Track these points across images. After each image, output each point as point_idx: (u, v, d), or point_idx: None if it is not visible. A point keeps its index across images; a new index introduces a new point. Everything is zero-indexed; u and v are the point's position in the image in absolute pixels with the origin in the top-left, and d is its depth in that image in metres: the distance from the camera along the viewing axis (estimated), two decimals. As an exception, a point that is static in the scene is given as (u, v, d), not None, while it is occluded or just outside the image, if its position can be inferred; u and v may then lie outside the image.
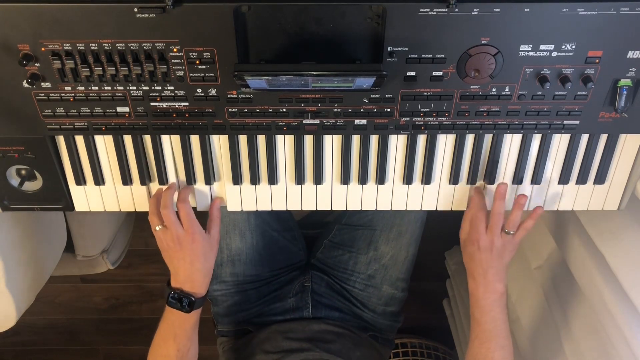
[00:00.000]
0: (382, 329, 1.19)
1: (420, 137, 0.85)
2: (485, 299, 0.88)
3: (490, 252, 0.87)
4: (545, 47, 0.71)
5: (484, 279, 0.88)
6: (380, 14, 0.69)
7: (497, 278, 0.88)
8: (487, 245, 0.87)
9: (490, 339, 0.88)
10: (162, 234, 0.86)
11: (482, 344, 0.88)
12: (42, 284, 1.16)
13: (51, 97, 0.75)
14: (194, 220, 0.86)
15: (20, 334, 2.08)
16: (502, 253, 0.87)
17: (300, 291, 1.17)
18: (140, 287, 1.99)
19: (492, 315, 0.88)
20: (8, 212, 0.89)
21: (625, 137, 0.84)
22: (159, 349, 0.91)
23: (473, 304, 0.90)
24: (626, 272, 0.84)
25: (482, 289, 0.88)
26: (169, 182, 0.88)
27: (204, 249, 0.87)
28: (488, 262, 0.87)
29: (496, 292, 0.88)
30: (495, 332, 0.88)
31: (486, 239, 0.86)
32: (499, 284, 0.88)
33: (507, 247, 0.87)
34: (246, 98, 0.77)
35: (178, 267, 0.88)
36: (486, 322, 0.88)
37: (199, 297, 0.89)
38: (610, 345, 0.90)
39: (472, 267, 0.89)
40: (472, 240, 0.88)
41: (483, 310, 0.88)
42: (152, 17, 0.68)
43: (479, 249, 0.87)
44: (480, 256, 0.87)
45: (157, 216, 0.86)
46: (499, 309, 0.88)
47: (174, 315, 0.89)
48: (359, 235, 1.17)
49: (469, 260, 0.90)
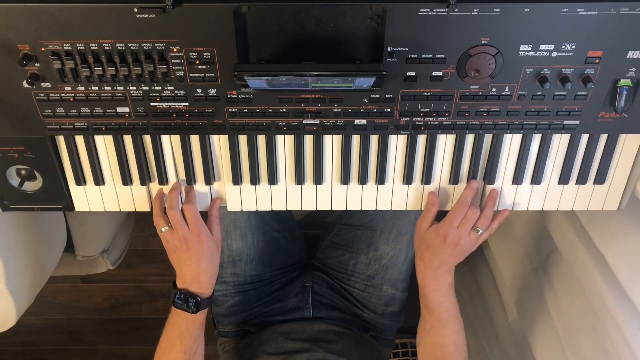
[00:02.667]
0: (382, 329, 1.19)
1: (420, 137, 0.85)
2: (437, 291, 0.89)
3: (454, 247, 0.86)
4: (545, 47, 0.71)
5: (435, 273, 0.88)
6: (380, 14, 0.69)
7: (447, 272, 0.88)
8: (454, 240, 0.85)
9: (446, 326, 0.90)
10: (168, 235, 0.86)
11: (438, 331, 0.90)
12: (42, 284, 1.16)
13: (51, 97, 0.75)
14: (200, 221, 0.86)
15: (20, 334, 2.08)
16: (463, 252, 0.87)
17: (300, 291, 1.17)
18: (140, 287, 1.99)
19: (445, 305, 0.89)
20: (8, 212, 0.89)
21: (625, 137, 0.84)
22: (166, 351, 0.91)
23: (424, 296, 0.90)
24: (626, 272, 0.84)
25: (433, 283, 0.88)
26: (169, 182, 0.88)
27: (209, 249, 0.88)
28: (447, 257, 0.87)
29: (446, 283, 0.89)
30: (450, 319, 0.89)
31: (455, 234, 0.85)
32: (449, 276, 0.89)
33: (470, 246, 0.87)
34: (246, 98, 0.77)
35: (184, 268, 0.88)
36: (441, 312, 0.89)
37: (205, 297, 0.89)
38: (610, 345, 0.90)
39: (426, 259, 0.88)
40: (439, 232, 0.86)
41: (436, 302, 0.89)
42: (152, 17, 0.68)
43: (444, 243, 0.86)
44: (442, 249, 0.86)
45: (162, 217, 0.86)
46: (450, 298, 0.89)
47: (180, 316, 0.89)
48: (359, 235, 1.17)
49: (425, 252, 0.88)
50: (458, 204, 0.86)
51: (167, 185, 0.88)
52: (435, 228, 0.87)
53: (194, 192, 0.88)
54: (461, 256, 0.88)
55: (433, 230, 0.87)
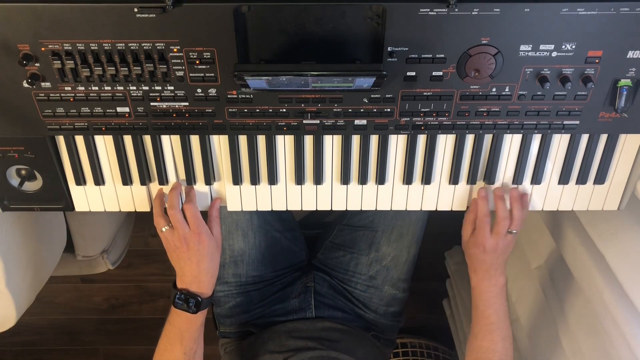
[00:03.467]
0: (384, 329, 1.20)
1: (420, 137, 0.84)
2: (489, 292, 0.91)
3: (494, 253, 0.89)
4: (545, 47, 0.71)
5: (487, 274, 0.91)
6: (380, 14, 0.69)
7: (499, 272, 0.91)
8: (492, 247, 0.89)
9: (494, 330, 0.90)
10: (169, 235, 0.86)
11: (485, 336, 0.91)
12: (42, 284, 1.16)
13: (51, 97, 0.75)
14: (201, 221, 0.86)
15: (20, 334, 2.08)
16: (504, 252, 0.90)
17: (302, 292, 1.16)
18: (140, 287, 1.99)
19: (495, 308, 0.91)
20: (8, 212, 0.89)
21: (625, 137, 0.84)
22: (165, 352, 0.91)
23: (476, 297, 0.93)
24: (626, 272, 0.84)
25: (486, 282, 0.91)
26: (169, 182, 0.88)
27: (210, 249, 0.88)
28: (492, 261, 0.90)
29: (498, 284, 0.91)
30: (498, 324, 0.90)
31: (492, 241, 0.88)
32: (501, 277, 0.91)
33: (509, 245, 0.90)
34: (246, 98, 0.77)
35: (184, 268, 0.88)
36: (490, 314, 0.91)
37: (205, 297, 0.89)
38: (610, 345, 0.90)
39: (475, 265, 0.92)
40: (477, 244, 0.90)
41: (487, 303, 0.91)
42: (152, 17, 0.68)
43: (484, 251, 0.89)
44: (484, 257, 0.90)
45: (163, 217, 0.86)
46: (501, 301, 0.91)
47: (180, 317, 0.89)
48: (360, 236, 1.17)
49: (472, 260, 0.92)
50: (481, 216, 0.89)
51: (167, 185, 0.88)
52: (473, 240, 0.91)
53: (194, 192, 0.88)
54: (504, 255, 0.91)
55: (472, 242, 0.91)
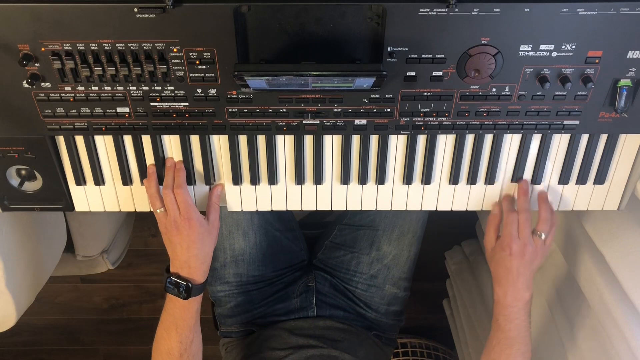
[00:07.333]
0: (385, 328, 1.20)
1: (420, 137, 0.84)
2: (513, 307, 0.86)
3: (522, 257, 0.85)
4: (545, 47, 0.71)
5: (513, 287, 0.86)
6: (380, 14, 0.69)
7: (525, 286, 0.86)
8: (520, 250, 0.85)
9: (512, 345, 0.86)
10: (162, 217, 0.86)
11: (503, 350, 0.86)
12: (42, 284, 1.16)
13: (51, 97, 0.75)
14: (192, 206, 0.86)
15: (20, 334, 2.08)
16: (533, 259, 0.86)
17: (304, 291, 1.16)
18: (140, 287, 1.99)
19: (516, 323, 0.86)
20: (8, 212, 0.89)
21: (625, 137, 0.84)
22: (163, 341, 0.91)
23: (498, 311, 0.88)
24: (626, 272, 0.84)
25: (511, 297, 0.86)
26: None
27: (200, 235, 0.87)
28: (519, 269, 0.85)
29: (523, 299, 0.86)
30: (518, 339, 0.86)
31: (519, 243, 0.85)
32: (527, 292, 0.86)
33: (539, 252, 0.86)
34: (246, 98, 0.77)
35: (175, 251, 0.88)
36: (510, 329, 0.86)
37: (196, 283, 0.88)
38: (610, 345, 0.90)
39: (500, 274, 0.87)
40: (503, 246, 0.86)
41: (508, 318, 0.86)
42: (152, 17, 0.68)
43: (510, 255, 0.85)
44: (511, 263, 0.85)
45: (158, 198, 0.85)
46: (524, 317, 0.86)
47: (173, 303, 0.88)
48: (361, 235, 1.17)
49: (498, 267, 0.88)
50: (506, 213, 0.86)
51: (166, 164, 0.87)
52: (499, 243, 0.88)
53: (183, 172, 0.86)
54: (533, 264, 0.86)
55: (498, 245, 0.88)
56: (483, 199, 0.90)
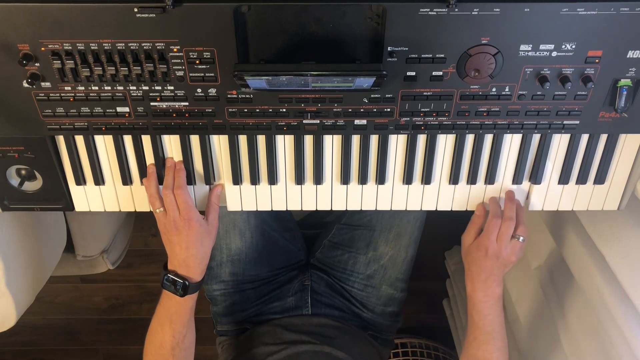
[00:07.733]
0: (381, 329, 1.20)
1: (420, 137, 0.85)
2: (484, 303, 0.89)
3: (497, 259, 0.87)
4: (545, 47, 0.71)
5: (483, 284, 0.89)
6: (380, 14, 0.69)
7: (496, 283, 0.89)
8: (495, 253, 0.87)
9: (488, 341, 0.89)
10: (162, 216, 0.86)
11: (480, 345, 0.89)
12: (42, 284, 1.16)
13: (51, 97, 0.75)
14: (191, 207, 0.86)
15: (20, 334, 2.08)
16: (507, 262, 0.88)
17: (299, 290, 1.17)
18: (140, 287, 1.99)
19: (490, 319, 0.89)
20: (8, 212, 0.89)
21: (625, 137, 0.84)
22: (156, 334, 0.91)
23: (471, 307, 0.91)
24: (626, 272, 0.84)
25: (481, 294, 0.89)
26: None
27: (200, 235, 0.87)
28: (492, 269, 0.88)
29: (494, 295, 0.89)
30: (493, 334, 0.89)
31: (496, 247, 0.87)
32: (497, 288, 0.89)
33: (515, 254, 0.88)
34: (246, 98, 0.77)
35: (174, 251, 0.88)
36: (485, 325, 0.89)
37: (193, 282, 0.88)
38: (610, 345, 0.90)
39: (473, 271, 0.90)
40: (480, 247, 0.88)
41: (482, 314, 0.89)
42: (152, 17, 0.68)
43: (486, 256, 0.88)
44: (485, 263, 0.88)
45: (157, 198, 0.86)
46: (497, 312, 0.89)
47: (169, 299, 0.89)
48: (358, 235, 1.17)
49: (471, 264, 0.90)
50: (490, 217, 0.87)
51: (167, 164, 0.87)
52: (476, 243, 0.89)
53: (183, 173, 0.86)
54: (506, 266, 0.88)
55: (475, 245, 0.89)
56: (483, 198, 0.90)
